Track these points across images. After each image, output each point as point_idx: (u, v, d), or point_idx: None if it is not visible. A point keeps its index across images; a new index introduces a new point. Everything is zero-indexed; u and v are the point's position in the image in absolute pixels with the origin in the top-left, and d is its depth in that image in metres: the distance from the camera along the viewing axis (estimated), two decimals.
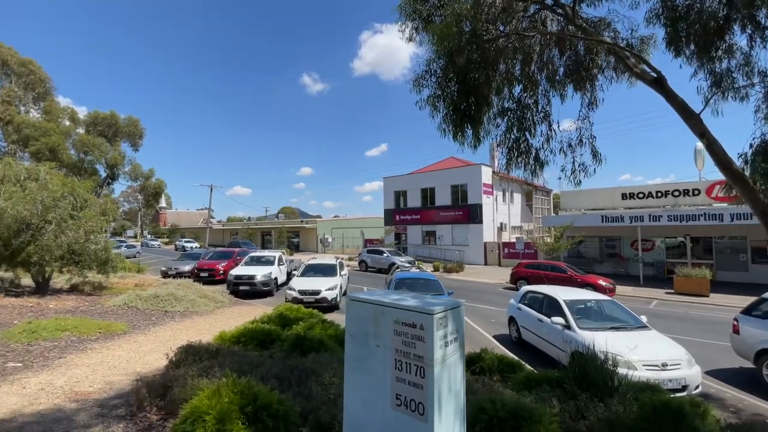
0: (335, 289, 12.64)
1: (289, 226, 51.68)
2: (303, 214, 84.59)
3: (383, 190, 37.71)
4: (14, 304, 9.20)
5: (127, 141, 35.80)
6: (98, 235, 11.86)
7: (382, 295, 2.84)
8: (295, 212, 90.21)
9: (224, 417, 3.19)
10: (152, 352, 6.31)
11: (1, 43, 29.73)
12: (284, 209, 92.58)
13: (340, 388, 4.16)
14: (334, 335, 6.65)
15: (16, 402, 4.10)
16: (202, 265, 18.83)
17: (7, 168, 11.99)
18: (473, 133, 6.13)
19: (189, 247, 41.17)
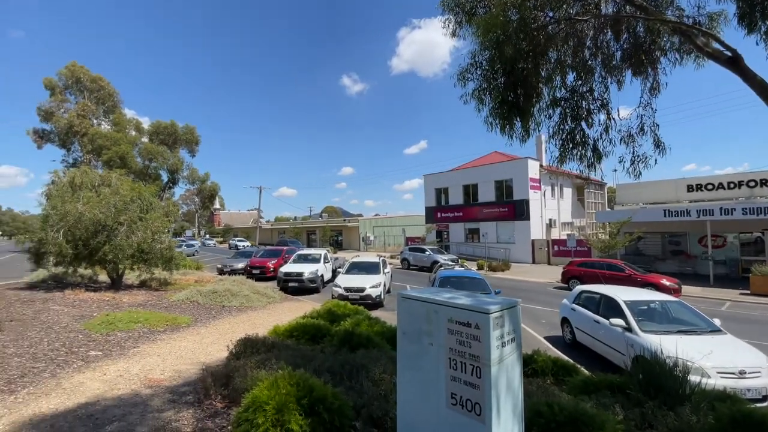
0: (379, 286, 12.76)
1: (332, 225, 52.95)
2: (345, 213, 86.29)
3: (424, 187, 37.44)
4: (93, 298, 10.25)
5: (185, 147, 38.67)
6: (163, 235, 12.89)
7: (434, 293, 2.82)
8: (337, 211, 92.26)
9: (282, 408, 3.33)
10: (214, 344, 6.75)
11: (74, 62, 33.25)
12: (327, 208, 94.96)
13: (391, 384, 4.22)
14: (380, 332, 6.71)
15: (99, 387, 4.57)
16: (254, 262, 19.82)
17: (84, 175, 13.38)
18: (522, 125, 5.89)
19: (241, 246, 43.51)
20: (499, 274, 22.44)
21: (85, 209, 10.83)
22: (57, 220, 10.61)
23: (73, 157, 32.31)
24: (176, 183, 39.10)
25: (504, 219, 29.93)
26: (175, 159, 36.77)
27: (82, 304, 9.38)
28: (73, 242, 10.63)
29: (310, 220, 68.31)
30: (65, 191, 11.95)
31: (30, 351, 5.74)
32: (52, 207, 11.30)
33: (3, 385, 4.46)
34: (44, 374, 4.89)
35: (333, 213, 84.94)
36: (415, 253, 25.59)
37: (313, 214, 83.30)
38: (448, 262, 21.90)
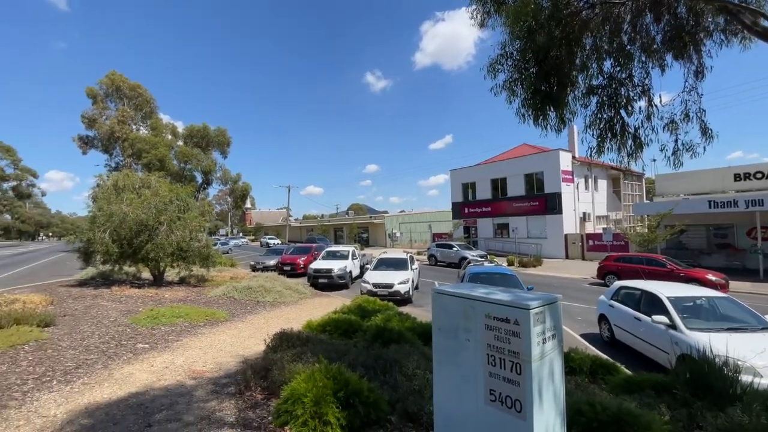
0: (407, 283, 12.77)
1: (358, 222, 53.40)
2: (370, 210, 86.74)
3: (450, 182, 36.98)
4: (137, 294, 10.85)
5: (217, 149, 40.13)
6: (200, 234, 13.45)
7: (469, 289, 2.79)
8: (363, 208, 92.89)
9: (320, 400, 3.42)
10: (251, 338, 6.99)
11: (114, 71, 35.15)
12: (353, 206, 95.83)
13: (424, 379, 4.23)
14: (411, 328, 6.72)
15: (147, 378, 4.84)
16: (285, 259, 20.32)
17: (126, 178, 14.15)
18: (557, 115, 5.69)
19: (272, 244, 44.71)
20: (530, 270, 21.88)
21: (128, 210, 11.47)
22: (103, 220, 11.30)
23: (115, 161, 34.35)
24: (210, 184, 40.73)
25: (535, 213, 29.11)
26: (208, 161, 38.27)
27: (128, 299, 9.96)
28: (118, 241, 11.29)
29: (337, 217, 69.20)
30: (110, 194, 12.70)
31: (83, 344, 6.16)
32: (98, 208, 12.05)
33: (60, 376, 4.82)
34: (97, 365, 5.23)
35: (358, 210, 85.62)
36: (442, 250, 25.38)
37: (340, 212, 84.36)
38: (477, 258, 21.58)
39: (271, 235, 62.42)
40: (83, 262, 13.35)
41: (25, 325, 6.66)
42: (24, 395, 4.20)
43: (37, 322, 6.88)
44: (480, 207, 33.57)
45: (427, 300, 13.28)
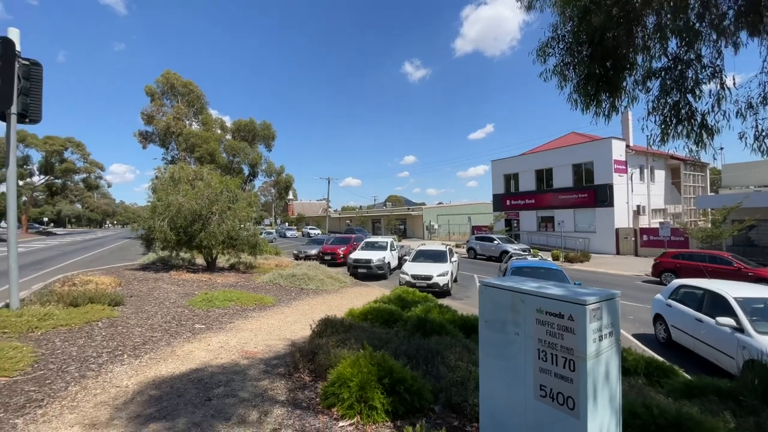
0: (447, 275, 12.67)
1: (396, 213, 53.53)
2: (408, 202, 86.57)
3: (491, 173, 35.94)
4: (193, 278, 11.65)
5: (262, 143, 41.83)
6: (247, 224, 14.15)
7: (519, 282, 2.74)
8: (400, 200, 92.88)
9: (365, 385, 3.52)
10: (296, 323, 7.30)
11: (168, 70, 37.49)
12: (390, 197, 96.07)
13: (467, 371, 4.21)
14: (451, 320, 6.69)
15: (205, 356, 5.22)
16: (326, 249, 20.89)
17: (181, 171, 15.11)
18: (611, 101, 5.34)
19: (313, 234, 46.10)
20: (576, 265, 20.89)
21: (184, 201, 12.29)
22: (162, 210, 12.20)
23: (171, 154, 36.78)
24: (256, 176, 42.58)
25: (583, 206, 27.65)
26: (254, 154, 40.00)
27: (184, 283, 10.74)
28: (175, 230, 12.16)
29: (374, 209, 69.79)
30: (168, 185, 13.65)
31: (148, 322, 6.75)
32: (158, 199, 13.01)
33: (129, 351, 5.32)
34: (161, 343, 5.72)
35: (396, 202, 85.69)
36: (482, 243, 24.86)
37: (377, 203, 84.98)
38: (519, 251, 20.94)
39: (312, 225, 64.37)
40: (145, 248, 14.52)
41: (98, 304, 7.39)
42: (99, 367, 4.69)
43: (108, 301, 7.61)
44: (523, 199, 32.40)
45: (466, 293, 13.12)
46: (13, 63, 6.47)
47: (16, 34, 6.69)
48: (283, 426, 3.27)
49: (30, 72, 6.89)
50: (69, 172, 46.84)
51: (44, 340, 5.51)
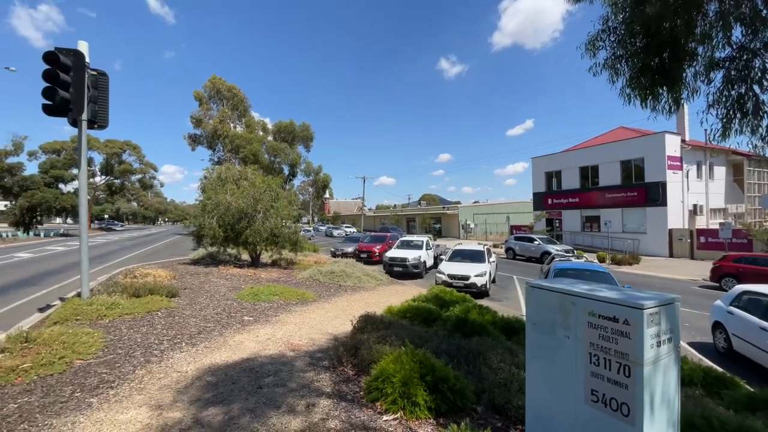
0: (485, 275, 12.44)
1: (431, 212, 53.15)
2: (442, 201, 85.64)
3: (531, 171, 34.73)
4: (239, 273, 12.27)
5: (301, 143, 43.26)
6: (289, 221, 14.67)
7: (570, 284, 2.68)
8: (435, 199, 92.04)
9: (408, 381, 3.58)
10: (336, 318, 7.51)
11: (215, 76, 39.62)
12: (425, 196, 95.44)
13: (510, 373, 4.16)
14: (491, 321, 6.60)
15: (254, 346, 5.51)
16: (362, 247, 21.18)
17: (228, 171, 15.95)
18: (670, 94, 5.03)
19: (349, 232, 46.87)
20: (625, 268, 19.75)
21: (232, 199, 12.97)
22: (211, 208, 12.94)
23: (217, 156, 38.90)
24: (295, 175, 44.10)
25: (632, 205, 26.06)
26: (294, 154, 41.41)
27: (232, 277, 11.35)
28: (223, 227, 12.86)
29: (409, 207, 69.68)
30: (216, 184, 14.46)
31: (201, 313, 7.22)
32: (207, 198, 13.82)
33: (187, 339, 5.72)
34: (214, 333, 6.11)
35: (430, 201, 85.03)
36: (521, 243, 24.12)
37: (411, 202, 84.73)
38: (562, 252, 20.09)
39: (347, 224, 65.40)
40: (195, 244, 15.47)
41: (157, 295, 8.00)
42: (162, 353, 5.10)
43: (165, 293, 8.22)
44: (566, 197, 31.05)
45: (505, 294, 12.83)
46: (83, 73, 7.12)
47: (85, 47, 7.35)
48: (330, 417, 3.41)
49: (98, 81, 7.55)
50: (126, 173, 50.74)
51: (112, 327, 6.06)
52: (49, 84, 6.72)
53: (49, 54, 6.75)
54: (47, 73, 6.65)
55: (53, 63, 6.74)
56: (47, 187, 38.91)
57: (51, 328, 5.58)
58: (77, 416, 3.46)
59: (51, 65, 6.73)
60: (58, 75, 6.69)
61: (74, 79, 6.98)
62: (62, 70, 6.78)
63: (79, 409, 3.58)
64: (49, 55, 6.74)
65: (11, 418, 3.40)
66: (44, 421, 3.35)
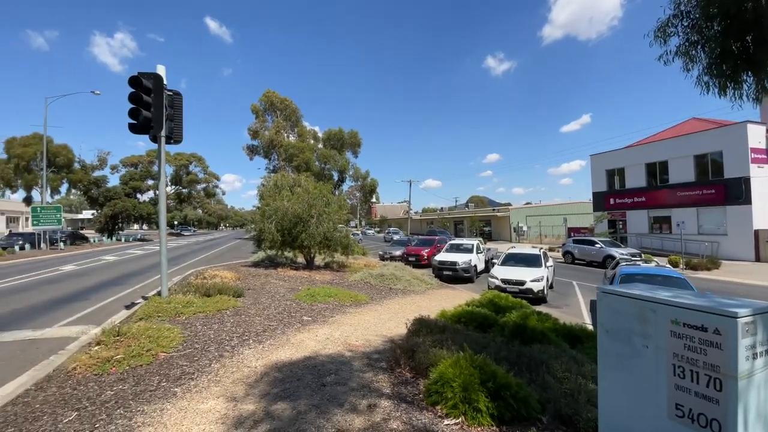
0: (541, 280, 11.90)
1: (480, 215, 51.81)
2: (491, 203, 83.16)
3: (590, 169, 32.60)
4: (295, 275, 12.86)
5: (350, 150, 44.60)
6: (340, 225, 15.13)
7: (648, 290, 2.53)
8: (483, 201, 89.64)
9: (468, 386, 3.56)
10: (390, 320, 7.62)
11: (269, 90, 42.17)
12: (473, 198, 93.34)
13: (577, 383, 3.97)
14: (553, 328, 6.31)
15: (314, 345, 5.76)
16: (410, 250, 21.21)
17: (283, 179, 16.81)
18: (756, 80, 4.55)
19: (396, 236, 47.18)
20: (702, 273, 17.84)
21: (289, 205, 13.67)
22: (270, 213, 13.72)
23: (272, 164, 41.18)
24: (344, 181, 45.45)
25: (709, 203, 23.51)
26: (343, 160, 42.75)
27: (289, 279, 11.93)
28: (281, 231, 13.57)
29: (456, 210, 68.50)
30: (273, 191, 15.31)
31: (264, 313, 7.67)
32: (266, 204, 14.68)
33: (254, 337, 6.12)
34: (277, 331, 6.47)
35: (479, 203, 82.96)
36: (580, 246, 22.71)
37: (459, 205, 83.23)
38: (627, 256, 18.61)
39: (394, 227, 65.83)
40: (255, 247, 16.48)
41: (225, 295, 8.63)
42: (233, 349, 5.50)
43: (232, 293, 8.84)
44: (630, 197, 28.76)
45: (564, 300, 12.17)
46: (162, 94, 7.91)
47: (162, 70, 8.17)
48: (392, 417, 3.48)
49: (173, 101, 8.34)
50: (193, 183, 55.39)
51: (188, 324, 6.64)
52: (134, 105, 7.56)
53: (133, 78, 7.59)
54: (132, 95, 7.50)
55: (137, 86, 7.57)
56: (127, 197, 43.57)
57: (138, 324, 6.23)
58: (164, 404, 3.85)
59: (135, 88, 7.56)
60: (141, 97, 7.51)
61: (154, 100, 7.78)
62: (144, 92, 7.60)
63: (166, 398, 3.98)
64: (133, 79, 7.59)
65: (109, 404, 3.86)
66: (137, 408, 3.77)
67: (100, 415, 3.62)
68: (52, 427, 3.40)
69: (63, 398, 3.97)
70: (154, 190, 49.22)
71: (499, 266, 13.62)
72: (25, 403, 3.90)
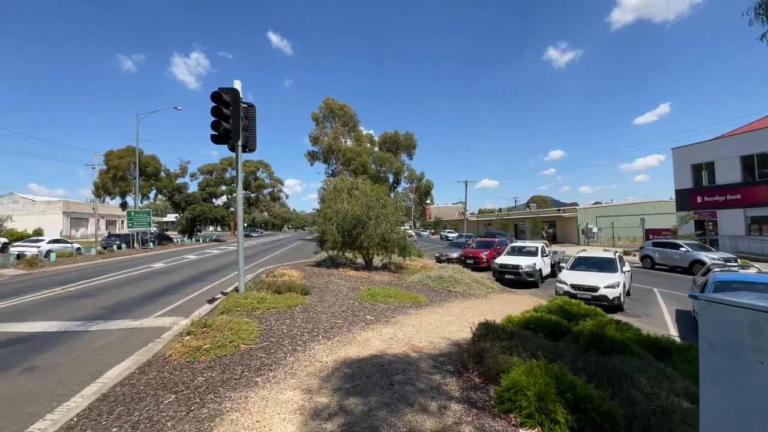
0: (617, 287, 10.97)
1: (543, 215, 49.07)
2: (555, 203, 78.44)
3: (672, 164, 29.38)
4: (355, 275, 13.22)
5: (405, 152, 44.82)
6: (397, 227, 15.27)
7: (762, 299, 2.23)
8: (546, 201, 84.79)
9: (544, 396, 3.41)
10: (452, 324, 7.54)
11: (328, 97, 44.12)
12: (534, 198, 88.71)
13: (668, 401, 3.62)
14: (635, 339, 5.81)
15: (380, 345, 5.89)
16: (468, 253, 20.74)
17: (341, 182, 17.36)
18: None
19: (451, 237, 46.42)
20: None
21: (349, 207, 14.12)
22: (332, 216, 14.28)
23: (331, 168, 42.78)
24: (399, 183, 45.74)
25: None
26: (398, 163, 43.15)
27: (350, 279, 12.31)
28: (342, 233, 14.05)
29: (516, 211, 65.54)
30: (334, 194, 15.92)
31: (330, 310, 8.00)
32: (327, 207, 15.29)
33: (322, 333, 6.41)
34: (343, 329, 6.71)
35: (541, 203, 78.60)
36: (662, 249, 20.53)
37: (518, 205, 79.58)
38: (720, 261, 16.49)
39: (449, 229, 64.78)
40: (318, 248, 17.23)
41: (293, 293, 9.15)
42: (304, 344, 5.82)
43: (299, 290, 9.35)
44: (722, 194, 25.42)
45: (644, 309, 11.12)
46: (238, 107, 8.61)
47: (239, 85, 8.88)
48: (463, 422, 3.45)
49: (248, 112, 9.03)
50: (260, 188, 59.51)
51: (263, 318, 7.15)
52: (215, 118, 8.34)
53: (214, 93, 8.37)
54: (214, 109, 8.26)
55: (218, 100, 8.33)
56: (204, 201, 48.00)
57: (220, 317, 6.84)
58: (248, 392, 4.18)
59: (216, 102, 8.33)
60: (221, 110, 8.25)
61: (232, 112, 8.49)
62: (224, 106, 8.34)
63: (249, 386, 4.33)
64: (214, 94, 8.36)
65: (201, 389, 4.28)
66: (224, 394, 4.14)
67: (194, 398, 4.03)
68: (155, 407, 3.86)
69: (162, 382, 4.49)
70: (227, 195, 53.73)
71: (568, 271, 12.81)
72: (131, 384, 4.47)
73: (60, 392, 4.46)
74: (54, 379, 4.86)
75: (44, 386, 4.65)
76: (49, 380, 4.84)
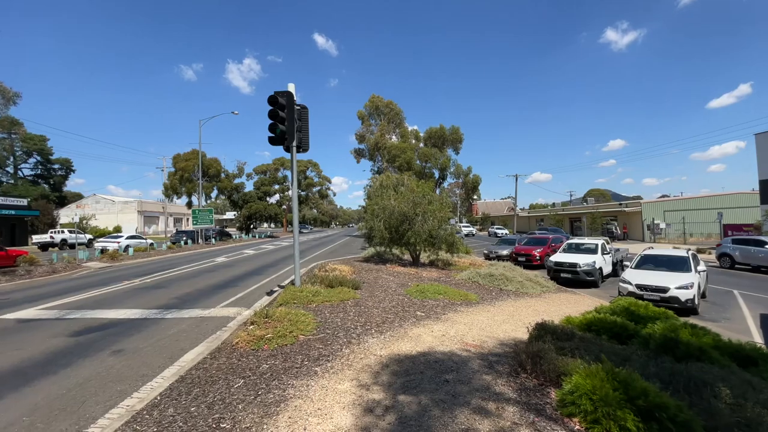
0: (691, 288, 10.01)
1: (603, 210, 45.86)
2: (615, 197, 72.94)
3: (756, 152, 26.11)
4: (403, 271, 13.30)
5: (451, 147, 44.08)
6: (444, 223, 15.11)
7: None
8: (605, 194, 79.11)
9: (611, 401, 3.23)
10: (505, 323, 7.35)
11: (374, 95, 44.44)
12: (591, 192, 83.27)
13: (756, 413, 3.28)
14: (713, 345, 5.28)
15: (431, 341, 5.90)
16: (519, 250, 19.97)
17: (387, 179, 17.50)
18: None
19: (500, 234, 44.97)
20: None
21: (395, 204, 14.23)
22: (379, 212, 14.47)
23: (377, 165, 43.25)
24: (445, 179, 45.18)
25: None
26: (444, 158, 42.60)
27: (398, 275, 12.42)
28: (389, 229, 14.20)
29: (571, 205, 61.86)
30: (380, 191, 16.11)
31: (381, 305, 8.14)
32: (374, 203, 15.52)
33: (375, 327, 6.55)
34: (394, 324, 6.81)
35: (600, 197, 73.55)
36: (744, 247, 18.35)
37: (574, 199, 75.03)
38: None
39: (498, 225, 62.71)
40: (365, 244, 17.58)
41: (344, 287, 9.42)
42: (358, 337, 5.99)
43: (350, 285, 9.61)
44: None
45: (723, 313, 10.10)
46: (293, 109, 8.98)
47: (293, 88, 9.25)
48: (522, 424, 3.37)
49: (301, 114, 9.39)
50: (310, 186, 61.70)
51: (318, 311, 7.45)
52: (272, 120, 8.78)
53: (271, 97, 8.78)
54: (271, 112, 8.69)
55: (274, 103, 8.75)
56: (259, 200, 50.79)
57: (279, 309, 7.23)
58: (308, 381, 4.41)
59: (272, 105, 8.75)
60: (277, 113, 8.67)
61: (287, 115, 8.89)
62: (280, 109, 8.75)
63: (309, 375, 4.55)
64: (271, 98, 8.78)
65: (266, 375, 4.57)
66: (287, 381, 4.39)
67: (261, 384, 4.33)
68: (227, 390, 4.19)
69: (231, 367, 4.86)
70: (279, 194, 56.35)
71: (633, 270, 11.89)
72: (204, 368, 4.88)
73: (144, 373, 4.99)
74: (138, 361, 5.45)
75: (130, 367, 5.23)
76: (134, 362, 5.43)
